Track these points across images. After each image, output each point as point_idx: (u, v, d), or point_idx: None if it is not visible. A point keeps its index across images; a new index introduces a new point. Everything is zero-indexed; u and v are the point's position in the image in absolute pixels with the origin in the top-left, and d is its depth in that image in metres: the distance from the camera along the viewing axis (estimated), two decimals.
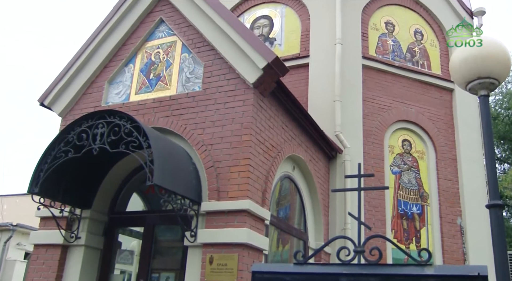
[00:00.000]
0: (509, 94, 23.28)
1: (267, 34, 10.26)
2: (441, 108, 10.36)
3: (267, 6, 10.55)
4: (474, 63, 3.95)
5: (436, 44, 10.85)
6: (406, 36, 10.52)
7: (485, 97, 4.08)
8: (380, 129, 9.51)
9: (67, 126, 6.08)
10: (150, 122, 6.65)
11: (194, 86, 6.67)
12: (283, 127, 6.98)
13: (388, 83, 9.98)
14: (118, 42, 7.54)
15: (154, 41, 7.37)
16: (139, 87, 7.15)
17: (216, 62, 6.59)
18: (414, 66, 10.38)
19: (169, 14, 7.31)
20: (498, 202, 3.80)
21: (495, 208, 3.81)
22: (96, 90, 7.50)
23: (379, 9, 10.43)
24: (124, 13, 7.58)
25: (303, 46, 9.83)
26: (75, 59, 7.66)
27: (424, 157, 9.86)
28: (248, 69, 6.20)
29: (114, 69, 7.47)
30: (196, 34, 6.90)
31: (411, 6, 10.80)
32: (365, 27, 10.07)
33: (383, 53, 10.13)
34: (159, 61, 7.15)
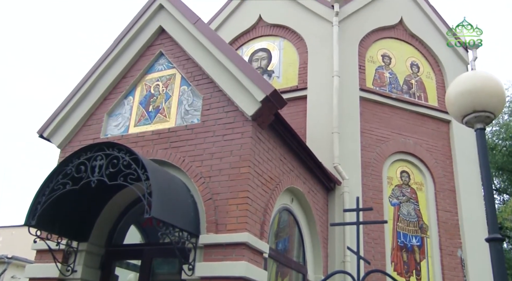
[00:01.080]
0: (505, 125, 23.39)
1: (266, 66, 10.39)
2: (438, 140, 10.41)
3: (266, 40, 10.72)
4: (469, 97, 4.00)
5: (432, 76, 10.98)
6: (402, 69, 10.66)
7: (481, 131, 4.11)
8: (379, 160, 9.53)
9: (66, 158, 6.08)
10: (148, 154, 6.66)
11: (193, 119, 6.72)
12: (281, 159, 6.99)
13: (386, 115, 10.06)
14: (118, 74, 7.62)
15: (154, 74, 7.46)
16: (138, 119, 7.20)
17: (215, 94, 6.65)
18: (411, 98, 10.48)
19: (169, 48, 7.42)
20: (498, 235, 3.78)
21: (495, 241, 3.79)
22: (96, 122, 7.53)
23: (375, 42, 10.60)
24: (125, 47, 7.69)
25: (301, 79, 9.95)
26: (75, 91, 7.73)
27: (422, 189, 9.85)
28: (246, 101, 6.26)
29: (113, 101, 7.53)
30: (195, 67, 6.99)
31: (407, 39, 10.98)
32: (362, 60, 10.21)
33: (380, 85, 10.25)
34: (158, 93, 7.21)
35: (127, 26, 7.82)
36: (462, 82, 4.08)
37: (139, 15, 7.71)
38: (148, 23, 7.64)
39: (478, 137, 4.12)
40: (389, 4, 11.04)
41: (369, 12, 10.71)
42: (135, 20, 7.74)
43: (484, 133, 4.17)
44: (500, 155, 23.11)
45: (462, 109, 4.07)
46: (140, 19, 7.69)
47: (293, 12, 10.60)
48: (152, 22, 7.62)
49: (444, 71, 11.00)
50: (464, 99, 4.01)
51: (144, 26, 7.65)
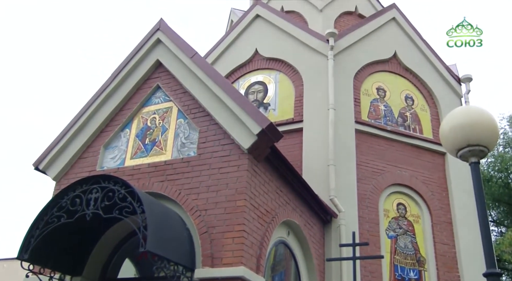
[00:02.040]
0: (500, 157, 23.49)
1: (262, 99, 10.48)
2: (434, 172, 10.43)
3: (262, 73, 10.85)
4: (463, 131, 4.04)
5: (427, 109, 11.09)
6: (397, 101, 10.77)
7: (475, 164, 4.14)
8: (375, 193, 9.52)
9: (61, 191, 6.06)
10: (144, 187, 6.65)
11: (189, 151, 6.74)
12: (277, 192, 6.99)
13: (381, 147, 10.10)
14: (115, 107, 7.67)
15: (151, 107, 7.51)
16: (134, 152, 7.21)
17: (211, 127, 6.70)
18: (406, 130, 10.56)
19: (165, 81, 7.50)
20: (495, 270, 3.76)
21: (492, 276, 3.77)
22: (92, 155, 7.54)
23: (370, 76, 10.74)
24: (122, 80, 7.77)
25: (296, 111, 10.03)
26: (72, 124, 7.76)
27: (419, 221, 9.81)
28: (242, 134, 6.30)
29: (110, 134, 7.55)
30: (192, 100, 7.05)
31: (401, 72, 11.14)
32: (357, 93, 10.32)
33: (375, 117, 10.33)
34: (155, 126, 7.25)
35: (125, 59, 7.91)
36: (456, 117, 4.13)
37: (137, 49, 7.82)
38: (145, 56, 7.75)
39: (472, 171, 4.15)
40: (383, 39, 11.24)
41: (363, 46, 10.89)
42: (133, 53, 7.84)
43: (479, 167, 4.19)
44: (496, 187, 23.12)
45: (456, 143, 4.11)
46: (138, 53, 7.79)
47: (289, 46, 10.77)
48: (150, 55, 7.73)
49: (438, 104, 11.12)
50: (458, 133, 4.06)
51: (142, 59, 7.76)
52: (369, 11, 12.92)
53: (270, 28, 11.21)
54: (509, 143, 24.65)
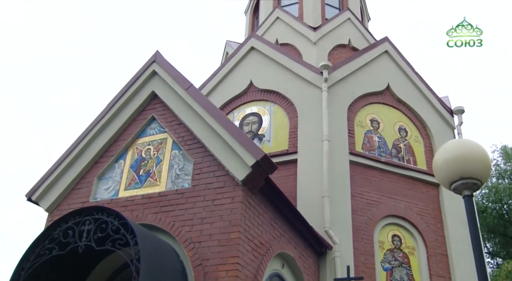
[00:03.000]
0: (494, 188, 23.57)
1: (256, 130, 10.54)
2: (429, 203, 10.42)
3: (256, 104, 10.94)
4: (455, 164, 4.08)
5: (420, 140, 11.17)
6: (391, 133, 10.85)
7: (469, 197, 4.16)
8: (369, 224, 9.48)
9: (53, 223, 6.02)
10: (138, 218, 6.60)
11: (184, 183, 6.73)
12: (272, 224, 6.95)
13: (376, 179, 10.12)
14: (110, 138, 7.68)
15: (145, 138, 7.53)
16: (128, 183, 7.20)
17: (206, 159, 6.71)
18: (400, 161, 10.60)
19: (160, 112, 7.54)
20: None
21: None
22: (85, 186, 7.51)
23: (364, 107, 10.84)
24: (118, 111, 7.80)
25: (291, 143, 10.07)
26: (66, 154, 7.75)
27: (414, 253, 9.74)
28: (237, 166, 6.31)
29: (104, 165, 7.54)
30: (187, 132, 7.08)
31: (394, 104, 11.25)
32: (351, 124, 10.40)
33: (369, 149, 10.38)
34: (149, 157, 7.26)
35: (120, 90, 7.97)
36: (448, 150, 4.17)
37: (133, 80, 7.89)
38: (141, 88, 7.81)
39: (466, 204, 4.17)
40: (376, 71, 11.40)
41: (357, 79, 11.03)
42: (128, 85, 7.90)
43: (472, 200, 4.21)
44: (491, 218, 23.11)
45: (450, 176, 4.14)
46: (133, 84, 7.85)
47: (283, 78, 10.89)
48: (145, 87, 7.79)
49: (431, 135, 11.20)
50: (451, 166, 4.09)
51: (137, 91, 7.81)
52: (362, 44, 13.14)
53: (265, 60, 11.36)
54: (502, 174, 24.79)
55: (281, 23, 13.32)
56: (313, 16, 13.65)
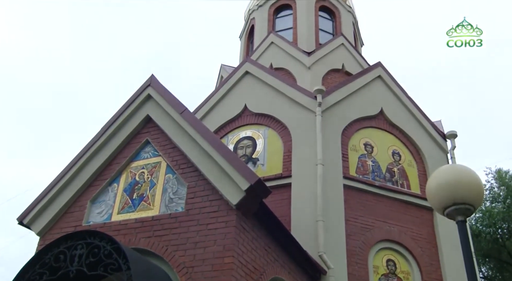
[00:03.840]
0: (488, 212, 23.55)
1: (250, 154, 10.55)
2: (423, 227, 10.41)
3: (251, 128, 10.97)
4: (448, 190, 4.10)
5: (414, 164, 11.21)
6: (384, 157, 10.89)
7: (462, 223, 4.17)
8: (364, 249, 9.43)
9: (45, 247, 5.96)
10: (131, 242, 6.55)
11: (177, 207, 6.70)
12: (265, 248, 6.91)
13: (370, 203, 10.11)
14: (104, 161, 7.66)
15: (139, 162, 7.52)
16: (121, 207, 7.16)
17: (200, 183, 6.70)
18: (394, 185, 10.61)
19: (155, 136, 7.55)
20: None
21: None
22: (78, 209, 7.46)
23: (357, 132, 10.90)
24: (112, 134, 7.80)
25: (285, 167, 10.07)
26: (59, 178, 7.72)
27: (409, 278, 9.69)
28: (231, 190, 6.30)
29: (98, 188, 7.51)
30: (181, 155, 7.08)
31: (388, 128, 11.33)
32: (345, 148, 10.44)
33: (363, 173, 10.40)
34: (143, 181, 7.24)
35: (115, 114, 7.98)
36: (441, 175, 4.20)
37: (128, 104, 7.91)
38: (136, 112, 7.83)
39: (459, 230, 4.18)
40: (369, 96, 11.51)
41: (351, 103, 11.12)
42: (123, 108, 7.92)
43: (466, 226, 4.22)
44: (485, 242, 23.03)
45: (443, 201, 4.16)
46: (128, 108, 7.87)
47: (278, 102, 10.96)
48: (140, 111, 7.81)
49: (425, 160, 11.25)
50: (444, 192, 4.11)
51: (132, 114, 7.83)
52: (356, 68, 13.28)
53: (259, 85, 11.45)
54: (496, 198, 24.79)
55: (276, 47, 13.48)
56: (307, 41, 13.83)
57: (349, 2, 15.95)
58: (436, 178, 4.22)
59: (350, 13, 15.74)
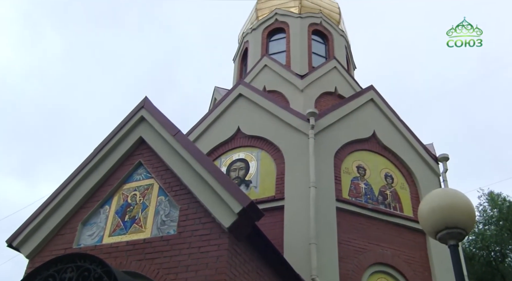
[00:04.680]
0: (481, 234, 23.53)
1: (243, 176, 10.54)
2: (416, 251, 10.38)
3: (244, 150, 10.99)
4: (440, 214, 4.11)
5: (406, 187, 11.23)
6: (377, 180, 10.90)
7: (454, 247, 4.17)
8: (357, 272, 9.37)
9: (34, 270, 5.89)
10: (122, 265, 6.48)
11: (169, 229, 6.66)
12: (258, 272, 6.86)
13: (363, 226, 10.09)
14: (96, 183, 7.63)
15: (132, 183, 7.50)
16: (113, 229, 7.10)
17: (192, 205, 6.67)
18: (387, 208, 10.61)
19: (148, 158, 7.54)
20: None
21: None
22: (69, 231, 7.39)
23: (350, 154, 10.93)
24: (105, 156, 7.79)
25: (278, 189, 10.06)
26: (51, 199, 7.66)
27: None
28: (223, 213, 6.28)
29: (89, 210, 7.46)
30: (173, 178, 7.07)
31: (380, 151, 11.37)
32: (338, 171, 10.45)
33: (356, 196, 10.40)
34: (135, 203, 7.20)
35: (108, 135, 7.97)
36: (433, 200, 4.21)
37: (121, 126, 7.91)
38: (129, 133, 7.83)
39: (452, 254, 4.17)
40: (362, 119, 11.58)
41: (343, 126, 11.18)
42: (116, 130, 7.92)
43: (458, 250, 4.22)
44: (479, 265, 22.96)
45: (435, 225, 4.16)
46: (121, 130, 7.87)
47: (271, 124, 11.00)
48: (133, 132, 7.81)
49: (417, 182, 11.29)
50: (436, 216, 4.13)
51: (125, 136, 7.83)
52: (348, 91, 13.40)
53: (252, 107, 11.50)
54: (489, 220, 24.80)
55: (269, 70, 13.59)
56: (300, 64, 13.97)
57: (341, 26, 16.17)
58: (428, 202, 4.24)
59: (342, 37, 15.94)
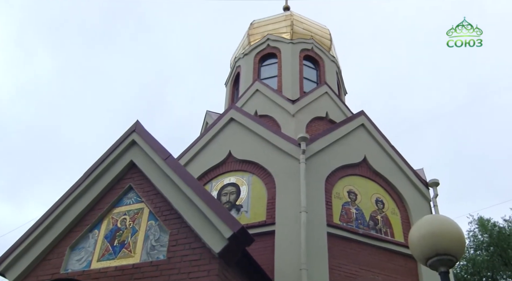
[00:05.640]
0: (472, 260, 23.50)
1: (234, 201, 10.50)
2: (407, 276, 10.31)
3: (235, 175, 10.96)
4: (431, 241, 4.12)
5: (397, 212, 11.23)
6: (368, 205, 10.90)
7: (445, 274, 4.16)
8: None
9: None
10: None
11: (159, 254, 6.60)
12: None
13: (353, 251, 10.03)
14: (86, 207, 7.59)
15: (122, 208, 7.45)
16: (102, 254, 7.02)
17: (182, 230, 6.63)
18: (378, 234, 10.57)
19: (138, 182, 7.52)
20: None
21: None
22: (57, 256, 7.30)
23: (341, 179, 10.94)
24: (95, 179, 7.77)
25: (269, 214, 10.01)
26: (39, 223, 7.59)
27: None
28: (214, 238, 6.24)
29: (78, 235, 7.38)
30: (164, 202, 7.04)
31: (371, 176, 11.40)
32: (329, 196, 10.44)
33: (347, 221, 10.37)
34: (125, 227, 7.14)
35: (99, 159, 7.96)
36: (423, 226, 4.23)
37: (112, 149, 7.91)
38: (120, 157, 7.83)
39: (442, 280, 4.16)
40: (353, 143, 11.64)
41: (334, 150, 11.21)
42: (107, 153, 7.91)
43: (449, 276, 4.22)
44: None
45: (425, 252, 4.17)
46: (112, 153, 7.87)
47: (262, 149, 11.02)
48: (124, 156, 7.81)
49: (408, 208, 11.29)
50: (426, 243, 4.13)
51: (116, 160, 7.82)
52: (339, 116, 13.49)
53: (244, 131, 11.53)
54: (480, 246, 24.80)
55: (261, 95, 13.68)
56: (292, 89, 14.08)
57: (332, 52, 16.38)
58: (418, 229, 4.25)
59: (333, 62, 16.13)
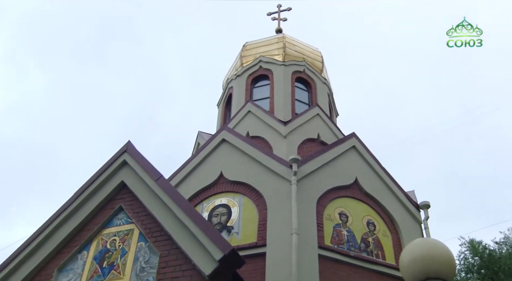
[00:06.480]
0: None
1: (225, 222, 10.44)
2: None
3: (226, 196, 10.93)
4: (421, 264, 4.12)
5: (388, 234, 11.21)
6: (359, 227, 10.88)
7: None
8: None
9: None
10: None
11: (149, 277, 6.53)
12: None
13: (345, 273, 9.97)
14: (75, 227, 7.53)
15: (112, 228, 7.39)
16: (90, 276, 6.94)
17: (172, 252, 6.58)
18: (369, 256, 10.53)
19: (129, 203, 7.48)
20: None
21: None
22: (44, 278, 7.20)
23: (332, 201, 10.93)
24: (85, 200, 7.73)
25: (260, 235, 9.96)
26: (26, 244, 7.50)
27: None
28: (204, 260, 6.20)
29: (66, 256, 7.30)
30: (154, 223, 6.99)
31: (362, 198, 11.40)
32: (320, 218, 10.41)
33: (338, 243, 10.34)
34: (114, 249, 7.08)
35: (89, 179, 7.92)
36: (414, 250, 4.23)
37: (103, 169, 7.88)
38: (110, 177, 7.80)
39: None
40: (344, 165, 11.67)
41: (326, 172, 11.23)
42: (98, 174, 7.88)
43: None
44: None
45: (416, 276, 4.16)
46: (103, 173, 7.85)
47: (253, 170, 11.01)
48: (115, 177, 7.79)
49: (399, 230, 11.27)
50: (417, 266, 4.13)
51: (107, 180, 7.80)
52: (331, 138, 13.55)
53: (235, 152, 11.54)
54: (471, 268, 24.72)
55: (253, 116, 13.73)
56: (284, 111, 14.15)
57: (324, 74, 16.53)
58: (408, 252, 4.25)
59: (325, 84, 16.27)
